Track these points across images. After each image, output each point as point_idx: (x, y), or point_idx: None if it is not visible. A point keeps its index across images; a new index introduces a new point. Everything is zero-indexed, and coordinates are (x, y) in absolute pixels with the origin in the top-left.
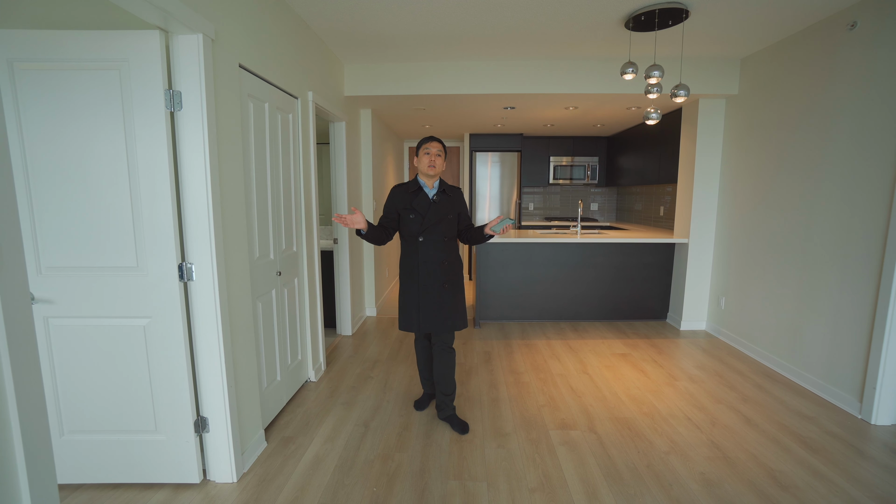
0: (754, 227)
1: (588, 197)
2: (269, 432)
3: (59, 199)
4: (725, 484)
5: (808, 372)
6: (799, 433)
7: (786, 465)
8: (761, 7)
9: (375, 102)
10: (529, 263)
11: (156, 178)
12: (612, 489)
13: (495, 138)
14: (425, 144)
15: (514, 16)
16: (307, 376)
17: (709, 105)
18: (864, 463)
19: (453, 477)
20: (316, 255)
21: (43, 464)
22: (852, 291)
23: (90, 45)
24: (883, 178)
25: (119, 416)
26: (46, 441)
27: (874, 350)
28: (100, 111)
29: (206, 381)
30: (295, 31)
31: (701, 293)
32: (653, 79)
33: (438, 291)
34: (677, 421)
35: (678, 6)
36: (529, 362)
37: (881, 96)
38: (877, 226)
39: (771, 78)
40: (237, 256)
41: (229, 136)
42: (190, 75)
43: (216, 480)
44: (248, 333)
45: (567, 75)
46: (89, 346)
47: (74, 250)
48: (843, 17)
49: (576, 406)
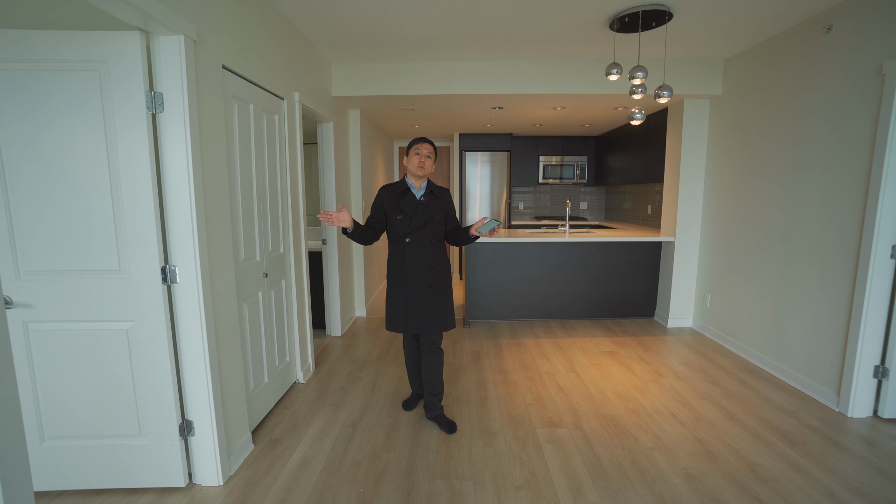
0: (738, 226)
1: (577, 196)
2: (257, 434)
3: (38, 202)
4: (707, 478)
5: (789, 367)
6: (779, 427)
7: (766, 459)
8: (741, 9)
9: (364, 103)
10: (519, 263)
11: (138, 181)
12: (596, 486)
13: (485, 138)
14: (416, 145)
15: (500, 17)
16: (295, 378)
17: (693, 105)
18: (840, 455)
19: (440, 476)
20: (303, 256)
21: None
22: (830, 289)
23: (68, 46)
24: (858, 178)
25: (102, 421)
26: (22, 447)
27: (850, 345)
28: (79, 113)
29: (190, 384)
30: (280, 31)
31: (687, 291)
32: (637, 79)
33: (426, 292)
34: (662, 417)
35: (661, 8)
36: (518, 361)
37: (856, 99)
38: (852, 225)
39: (753, 79)
40: (222, 258)
41: (213, 137)
42: (171, 77)
43: (202, 484)
44: (233, 336)
45: (554, 76)
46: (70, 350)
47: (54, 254)
48: (819, 21)
49: (563, 404)
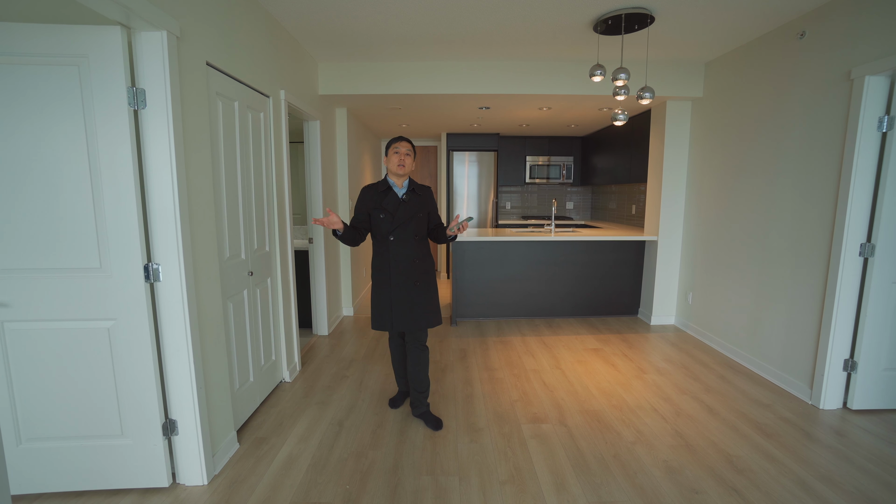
0: (719, 226)
1: (564, 196)
2: (242, 433)
3: (15, 199)
4: (686, 470)
5: (766, 362)
6: (756, 420)
7: (742, 451)
8: (720, 14)
9: (351, 101)
10: (506, 262)
11: (119, 178)
12: (579, 479)
13: (472, 138)
14: (395, 144)
15: (486, 18)
16: (282, 377)
17: (676, 107)
18: (812, 445)
19: (426, 472)
20: (289, 254)
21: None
22: (804, 286)
23: (46, 40)
24: (829, 180)
25: (82, 422)
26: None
27: (822, 340)
28: (58, 108)
29: (174, 384)
30: (266, 29)
31: (670, 289)
32: (620, 81)
33: (410, 289)
34: (644, 412)
35: (643, 11)
36: (504, 359)
37: (827, 103)
38: (824, 224)
39: (732, 82)
40: (206, 257)
41: (197, 134)
42: (154, 73)
43: (186, 483)
44: (218, 334)
45: (540, 77)
46: (49, 349)
47: (32, 252)
48: (793, 27)
49: (548, 400)
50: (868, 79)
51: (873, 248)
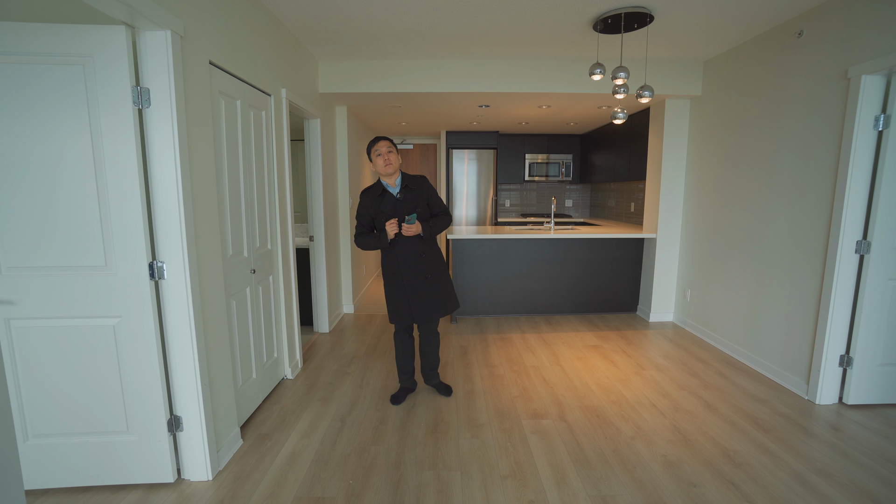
0: (716, 223)
1: (563, 193)
2: (246, 430)
3: (21, 197)
4: (685, 464)
5: (763, 358)
6: (753, 415)
7: (740, 445)
8: (720, 13)
9: (351, 99)
10: (505, 259)
11: (124, 176)
12: (579, 473)
13: (472, 135)
14: (374, 146)
15: (486, 17)
16: (284, 374)
17: (675, 105)
18: (808, 439)
19: (428, 467)
20: (291, 252)
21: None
22: (801, 283)
23: (52, 39)
24: (826, 178)
25: (88, 418)
26: (12, 446)
27: (819, 336)
28: (64, 107)
29: (178, 380)
30: (267, 27)
31: (668, 286)
32: (619, 80)
33: (422, 283)
34: (643, 408)
35: (643, 10)
36: (504, 356)
37: (825, 102)
38: (821, 222)
39: (731, 80)
40: (210, 254)
41: (200, 133)
42: (158, 72)
43: (191, 479)
44: (221, 331)
45: (539, 75)
46: (55, 347)
47: (38, 250)
48: (791, 26)
49: (548, 396)
50: (865, 78)
51: (869, 246)
